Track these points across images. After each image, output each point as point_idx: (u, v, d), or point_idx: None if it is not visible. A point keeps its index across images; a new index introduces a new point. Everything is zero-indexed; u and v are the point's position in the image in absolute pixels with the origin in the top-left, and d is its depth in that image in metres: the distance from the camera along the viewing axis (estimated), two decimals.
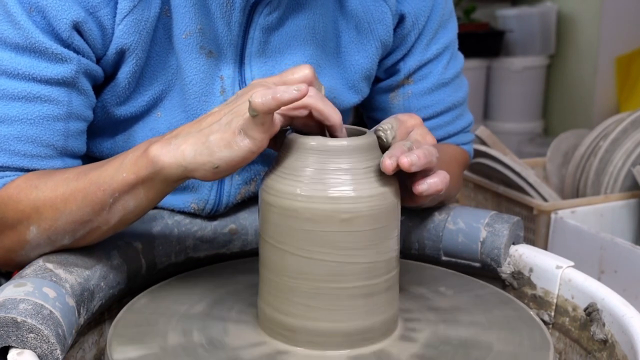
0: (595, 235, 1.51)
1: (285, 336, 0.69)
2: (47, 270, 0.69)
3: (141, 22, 0.79)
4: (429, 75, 0.96)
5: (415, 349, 0.69)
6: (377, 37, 0.90)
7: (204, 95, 0.83)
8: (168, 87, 0.84)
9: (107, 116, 0.84)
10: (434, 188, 0.70)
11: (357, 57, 0.91)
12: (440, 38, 0.95)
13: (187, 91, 0.83)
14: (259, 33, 0.84)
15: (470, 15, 3.18)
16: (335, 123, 0.68)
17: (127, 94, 0.83)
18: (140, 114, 0.84)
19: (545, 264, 0.81)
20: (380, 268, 0.68)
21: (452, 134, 1.00)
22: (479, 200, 1.84)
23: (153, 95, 0.84)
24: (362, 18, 0.89)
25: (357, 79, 0.92)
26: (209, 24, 0.82)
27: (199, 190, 0.87)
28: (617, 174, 1.68)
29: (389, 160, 0.66)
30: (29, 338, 0.61)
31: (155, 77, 0.83)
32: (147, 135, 0.85)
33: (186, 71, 0.82)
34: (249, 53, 0.84)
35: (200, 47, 0.82)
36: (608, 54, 2.80)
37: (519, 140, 2.96)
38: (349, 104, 0.93)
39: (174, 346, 0.68)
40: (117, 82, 0.82)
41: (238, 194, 0.89)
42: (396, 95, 0.97)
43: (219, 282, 0.81)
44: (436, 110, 0.97)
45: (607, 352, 0.72)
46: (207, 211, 0.88)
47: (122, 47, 0.79)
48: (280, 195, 0.67)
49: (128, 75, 0.81)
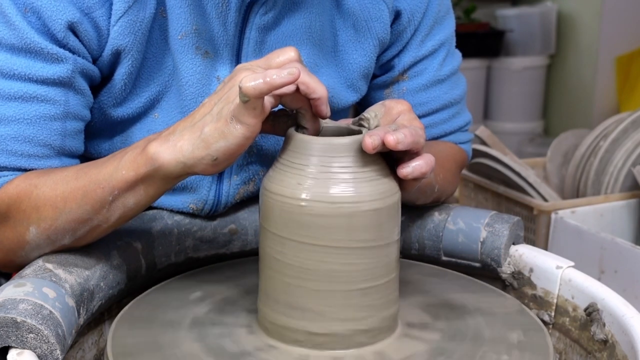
0: (595, 235, 1.51)
1: (285, 336, 0.69)
2: (47, 271, 0.69)
3: (136, 23, 0.78)
4: (424, 72, 0.96)
5: (415, 348, 0.69)
6: (374, 35, 0.90)
7: (201, 97, 0.83)
8: (165, 88, 0.84)
9: (105, 117, 0.84)
10: (418, 170, 0.68)
11: (355, 55, 0.90)
12: (436, 34, 0.95)
13: (184, 92, 0.83)
14: (255, 33, 0.84)
15: (471, 15, 3.18)
16: (321, 96, 0.68)
17: (123, 95, 0.83)
18: (137, 115, 0.84)
19: (546, 264, 0.81)
20: (381, 268, 0.68)
21: (448, 132, 1.00)
22: (479, 200, 1.84)
23: (150, 97, 0.83)
24: (360, 16, 0.89)
25: (355, 77, 0.91)
26: (205, 25, 0.82)
27: (197, 191, 0.87)
28: (617, 174, 1.68)
29: (369, 139, 0.65)
30: (28, 338, 0.61)
31: (152, 78, 0.83)
32: (145, 137, 0.84)
33: (182, 72, 0.82)
34: (245, 53, 0.84)
35: (196, 48, 0.82)
36: (608, 54, 2.80)
37: (519, 140, 2.96)
38: (348, 103, 0.93)
39: (173, 347, 0.68)
40: (114, 84, 0.81)
41: (237, 194, 0.89)
42: (391, 92, 0.97)
43: (219, 283, 0.81)
44: (431, 107, 0.97)
45: (607, 352, 0.72)
46: (205, 211, 0.88)
47: (118, 48, 0.79)
48: (281, 193, 0.67)
49: (124, 76, 0.81)
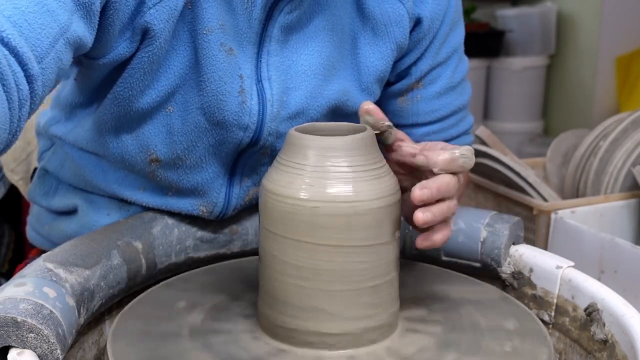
0: (595, 235, 1.51)
1: (285, 336, 0.69)
2: (47, 270, 0.69)
3: (170, 10, 0.77)
4: (438, 79, 0.95)
5: (423, 342, 0.69)
6: (393, 40, 0.89)
7: (222, 95, 0.81)
8: (182, 81, 0.81)
9: (118, 111, 0.82)
10: (436, 245, 0.71)
11: (372, 59, 0.90)
12: (450, 41, 0.95)
13: (204, 89, 0.81)
14: (278, 31, 0.82)
15: (471, 15, 3.18)
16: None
17: (141, 86, 0.80)
18: (151, 108, 0.82)
19: (546, 264, 0.81)
20: (381, 268, 0.68)
21: (454, 137, 1.00)
22: (479, 200, 1.84)
23: (166, 89, 0.81)
24: (379, 20, 0.89)
25: (371, 81, 0.91)
26: (231, 21, 0.80)
27: (207, 193, 0.87)
28: (617, 174, 1.68)
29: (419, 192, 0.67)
30: (29, 338, 0.61)
31: (171, 70, 0.81)
32: (161, 132, 0.83)
33: (205, 68, 0.80)
34: (266, 51, 0.83)
35: (221, 44, 0.80)
36: (608, 54, 2.80)
37: (519, 140, 2.96)
38: None
39: (173, 347, 0.68)
40: (132, 72, 0.79)
41: (246, 195, 0.89)
42: (405, 100, 0.96)
43: (219, 283, 0.81)
44: (442, 114, 0.97)
45: (607, 352, 0.72)
46: (215, 214, 0.88)
47: (148, 28, 0.76)
48: (281, 193, 0.67)
49: (144, 64, 0.79)
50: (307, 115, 0.86)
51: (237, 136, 0.83)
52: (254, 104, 0.82)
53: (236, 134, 0.83)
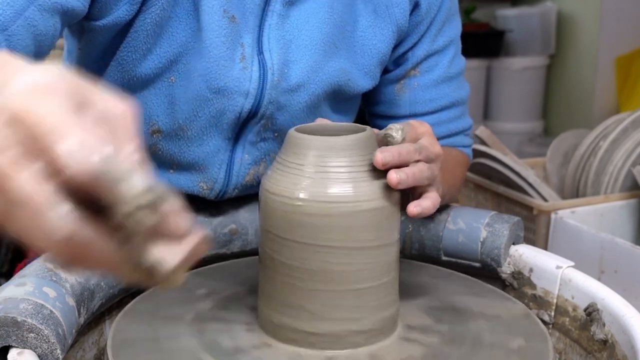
0: (595, 235, 1.51)
1: (281, 335, 0.69)
2: (47, 270, 0.69)
3: None
4: (435, 68, 0.97)
5: (410, 352, 0.69)
6: (394, 21, 0.91)
7: (224, 60, 0.82)
8: (185, 49, 0.82)
9: (122, 76, 0.83)
10: (426, 212, 0.71)
11: (374, 41, 0.91)
12: (446, 31, 0.96)
13: (207, 54, 0.82)
14: (280, 6, 0.84)
15: (470, 15, 3.18)
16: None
17: (145, 49, 0.82)
18: (154, 75, 0.83)
19: (545, 264, 0.81)
20: (380, 268, 0.68)
21: (453, 133, 1.00)
22: (479, 200, 1.84)
23: (169, 55, 0.82)
24: (381, 1, 0.90)
25: (372, 63, 0.92)
26: None
27: (207, 169, 0.87)
28: (617, 174, 1.68)
29: (380, 155, 0.66)
30: (29, 338, 0.61)
31: (174, 37, 0.82)
32: (164, 103, 0.84)
33: (207, 33, 0.81)
34: (268, 25, 0.85)
35: (224, 11, 0.81)
36: (608, 54, 2.80)
37: (519, 140, 2.96)
38: (362, 89, 0.93)
39: (173, 347, 0.68)
40: (136, 35, 0.81)
41: (247, 174, 0.89)
42: (402, 87, 0.97)
43: (219, 282, 0.81)
44: (440, 104, 0.98)
45: (607, 352, 0.72)
46: (215, 191, 0.88)
47: None
48: (280, 194, 0.67)
49: (148, 26, 0.80)
50: (307, 90, 0.87)
51: (238, 104, 0.84)
52: (255, 71, 0.84)
53: (237, 101, 0.84)
